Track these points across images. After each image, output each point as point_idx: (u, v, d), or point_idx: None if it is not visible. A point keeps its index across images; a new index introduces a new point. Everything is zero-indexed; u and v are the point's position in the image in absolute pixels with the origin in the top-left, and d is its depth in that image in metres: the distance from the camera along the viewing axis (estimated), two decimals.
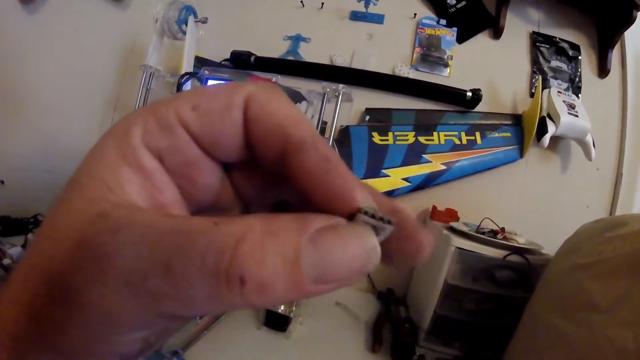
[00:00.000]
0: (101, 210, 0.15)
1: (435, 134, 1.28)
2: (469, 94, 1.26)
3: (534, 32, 1.37)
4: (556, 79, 1.33)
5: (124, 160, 0.16)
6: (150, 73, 1.14)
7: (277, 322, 0.91)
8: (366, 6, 1.36)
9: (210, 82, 0.99)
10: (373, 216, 0.15)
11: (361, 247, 0.14)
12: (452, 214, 1.19)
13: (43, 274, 0.15)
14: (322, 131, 0.92)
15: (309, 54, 1.40)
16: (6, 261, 0.87)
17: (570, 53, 1.35)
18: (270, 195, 0.21)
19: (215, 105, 0.17)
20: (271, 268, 0.13)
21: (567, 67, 1.35)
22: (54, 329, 0.14)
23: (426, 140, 1.27)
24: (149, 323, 0.14)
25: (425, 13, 1.39)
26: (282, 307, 0.91)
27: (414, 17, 1.38)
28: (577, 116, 1.18)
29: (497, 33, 1.34)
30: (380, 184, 1.23)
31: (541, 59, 1.34)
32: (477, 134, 1.27)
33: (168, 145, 0.17)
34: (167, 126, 0.17)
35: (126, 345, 0.15)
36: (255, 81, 0.97)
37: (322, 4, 1.40)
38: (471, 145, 1.26)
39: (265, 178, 0.20)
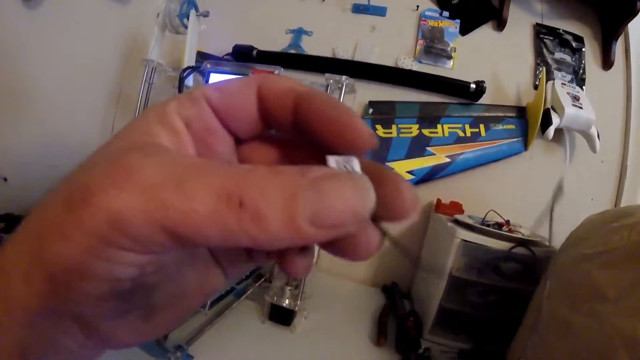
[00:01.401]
0: (137, 146, 0.17)
1: (439, 126, 1.27)
2: (473, 86, 1.25)
3: (537, 24, 1.36)
4: (560, 70, 1.32)
5: (159, 121, 0.19)
6: (153, 67, 1.14)
7: (281, 316, 0.91)
8: None
9: (213, 76, 0.99)
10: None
11: (357, 192, 0.16)
12: (456, 207, 1.19)
13: (66, 193, 0.16)
14: None
15: (311, 47, 1.39)
16: None
17: (574, 45, 1.34)
18: None
19: (234, 87, 0.21)
20: (269, 199, 0.14)
21: (571, 58, 1.34)
22: (55, 238, 0.15)
23: (430, 132, 1.27)
24: (151, 238, 0.15)
25: (428, 5, 1.38)
26: (287, 301, 0.91)
27: (417, 9, 1.37)
28: (581, 108, 1.18)
29: (500, 25, 1.33)
30: None
31: (545, 51, 1.33)
32: (481, 126, 1.26)
33: (194, 113, 0.20)
34: (195, 99, 0.20)
35: (121, 266, 0.15)
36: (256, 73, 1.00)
37: None
38: (475, 137, 1.25)
39: (271, 156, 0.23)
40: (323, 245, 0.18)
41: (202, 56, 1.31)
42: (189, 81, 1.09)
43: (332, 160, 0.18)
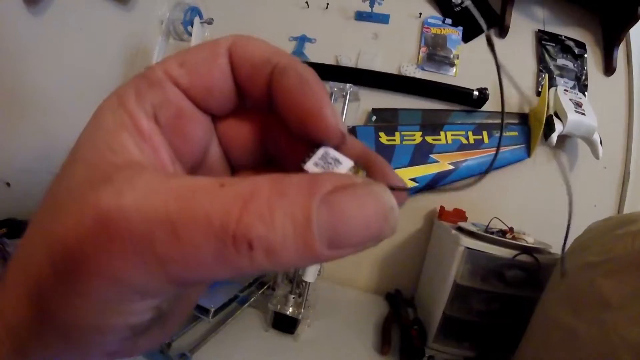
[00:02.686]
0: (104, 174, 0.14)
1: (442, 133, 1.27)
2: (476, 93, 1.25)
3: (539, 31, 1.36)
4: (562, 77, 1.33)
5: (122, 124, 0.16)
6: None
7: (285, 324, 0.91)
8: (371, 6, 1.35)
9: None
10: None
11: (378, 207, 0.13)
12: (460, 214, 1.19)
13: (46, 250, 0.14)
14: None
15: (314, 54, 1.40)
16: None
17: (576, 51, 1.34)
18: (257, 153, 0.21)
19: (201, 57, 0.17)
20: (280, 231, 0.12)
21: (573, 65, 1.34)
22: (59, 307, 0.14)
23: (433, 140, 1.27)
24: (159, 289, 0.14)
25: (431, 12, 1.38)
26: (290, 309, 0.91)
27: (420, 16, 1.37)
28: (584, 114, 1.18)
29: (502, 32, 1.34)
30: None
31: (547, 58, 1.34)
32: (484, 133, 1.26)
33: (159, 101, 0.17)
34: (157, 83, 0.17)
35: (137, 315, 0.14)
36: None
37: (327, 4, 1.40)
38: (478, 144, 1.25)
39: (253, 133, 0.20)
40: None
41: None
42: None
43: (312, 166, 0.16)
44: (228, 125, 0.20)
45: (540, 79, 1.32)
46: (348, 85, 0.88)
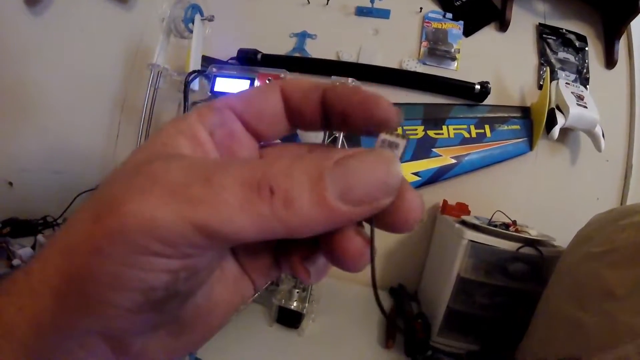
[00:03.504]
0: (158, 153, 0.18)
1: (444, 127, 1.27)
2: (477, 87, 1.25)
3: (540, 24, 1.36)
4: (564, 70, 1.33)
5: (181, 131, 0.19)
6: (158, 72, 1.14)
7: (289, 319, 0.91)
8: (372, 1, 1.35)
9: (219, 80, 0.99)
10: (391, 134, 0.18)
11: (382, 164, 0.16)
12: (463, 208, 1.19)
13: (92, 203, 0.16)
14: None
15: (315, 50, 1.40)
16: (15, 262, 0.88)
17: (577, 44, 1.34)
18: None
19: (256, 91, 0.21)
20: (297, 181, 0.15)
21: (575, 58, 1.34)
22: (88, 254, 0.15)
23: (435, 134, 1.27)
24: (185, 237, 0.15)
25: (431, 7, 1.38)
26: (295, 304, 0.91)
27: (420, 11, 1.37)
28: (585, 107, 1.18)
29: (503, 26, 1.34)
30: None
31: (548, 51, 1.34)
32: (487, 127, 1.26)
33: (216, 122, 0.20)
34: (216, 109, 0.20)
35: (154, 274, 0.15)
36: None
37: (328, 0, 1.40)
38: (481, 138, 1.25)
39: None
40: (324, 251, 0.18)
41: (206, 60, 1.32)
42: (195, 85, 1.09)
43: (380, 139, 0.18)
44: (271, 151, 0.23)
45: (541, 72, 1.32)
46: (350, 79, 0.88)
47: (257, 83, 0.95)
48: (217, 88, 0.99)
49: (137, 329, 0.17)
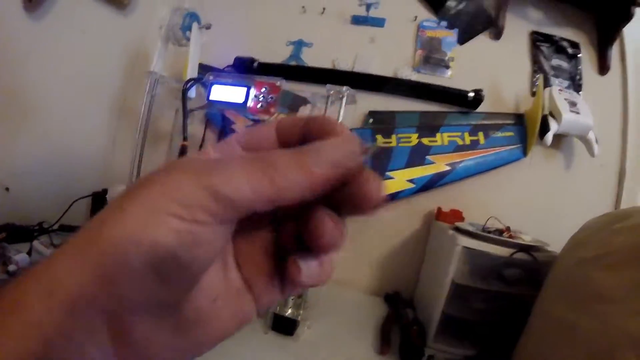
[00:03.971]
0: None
1: (438, 135, 1.28)
2: (471, 94, 1.26)
3: (533, 32, 1.37)
4: (557, 77, 1.34)
5: (197, 154, 0.26)
6: (156, 79, 1.15)
7: (284, 326, 0.91)
8: (367, 10, 1.37)
9: (215, 87, 1.00)
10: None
11: (346, 139, 0.22)
12: (457, 215, 1.19)
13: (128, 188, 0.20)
14: None
15: (311, 58, 1.41)
16: (11, 267, 0.87)
17: (570, 51, 1.35)
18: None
19: (257, 128, 0.26)
20: (285, 157, 0.20)
21: (568, 65, 1.35)
22: (109, 217, 0.18)
23: (430, 141, 1.28)
24: (197, 200, 0.18)
25: (426, 15, 1.39)
26: (290, 311, 0.91)
27: (415, 19, 1.38)
28: (579, 113, 1.19)
29: (497, 33, 1.35)
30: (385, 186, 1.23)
31: (542, 58, 1.35)
32: (480, 134, 1.27)
33: (225, 149, 0.25)
34: (227, 141, 0.25)
35: (164, 231, 0.18)
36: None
37: (324, 8, 1.41)
38: (474, 145, 1.26)
39: None
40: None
41: (203, 68, 1.33)
42: (192, 93, 1.10)
43: None
44: None
45: (535, 79, 1.33)
46: (345, 87, 0.89)
47: (253, 91, 0.96)
48: (213, 96, 1.00)
49: (141, 297, 0.19)
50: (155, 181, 0.19)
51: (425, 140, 1.28)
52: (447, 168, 1.24)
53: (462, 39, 1.37)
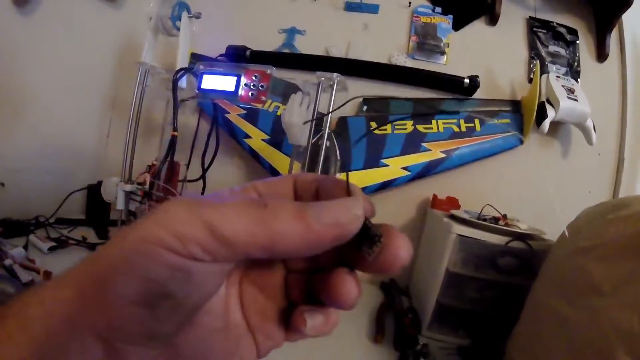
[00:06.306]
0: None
1: (433, 122, 1.27)
2: (467, 81, 1.25)
3: (530, 18, 1.35)
4: (554, 64, 1.32)
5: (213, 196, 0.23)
6: (146, 70, 1.14)
7: None
8: None
9: (205, 77, 0.99)
10: (370, 227, 0.22)
11: (349, 200, 0.21)
12: (453, 202, 1.19)
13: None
14: (319, 121, 0.92)
15: (304, 46, 1.39)
16: (7, 262, 0.87)
17: (568, 38, 1.34)
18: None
19: (276, 179, 0.27)
20: (285, 205, 0.20)
21: (565, 51, 1.34)
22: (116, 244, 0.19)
23: (425, 128, 1.26)
24: (192, 234, 0.18)
25: (421, 1, 1.37)
26: None
27: (409, 5, 1.37)
28: (576, 100, 1.17)
29: (493, 19, 1.33)
30: (380, 174, 1.22)
31: (539, 44, 1.33)
32: (476, 121, 1.26)
33: (241, 193, 0.25)
34: (246, 189, 0.25)
35: (156, 265, 0.18)
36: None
37: None
38: (470, 132, 1.25)
39: None
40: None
41: (196, 57, 1.32)
42: (182, 83, 1.09)
43: None
44: None
45: (532, 66, 1.32)
46: (335, 75, 0.88)
47: (243, 80, 0.94)
48: (204, 85, 0.99)
49: (133, 329, 0.19)
50: (154, 212, 0.19)
51: (420, 127, 1.26)
52: (443, 155, 1.23)
53: (458, 25, 1.35)
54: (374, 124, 1.28)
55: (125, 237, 0.18)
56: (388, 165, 1.23)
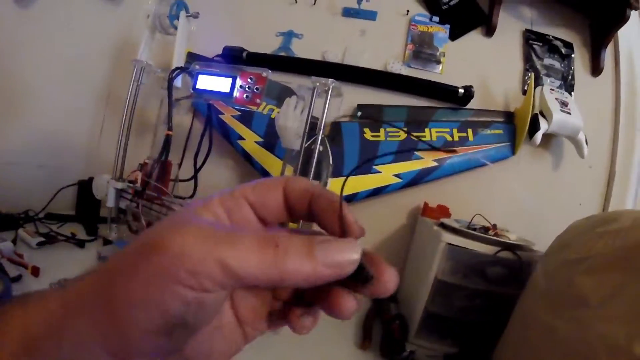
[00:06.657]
0: (190, 217, 0.23)
1: (427, 130, 1.27)
2: (461, 90, 1.25)
3: (527, 30, 1.37)
4: (549, 76, 1.34)
5: (205, 208, 0.24)
6: (141, 68, 1.14)
7: None
8: (359, 3, 1.35)
9: (201, 77, 0.98)
10: (365, 268, 0.23)
11: (350, 247, 0.22)
12: (443, 211, 1.19)
13: (139, 239, 0.21)
14: (313, 126, 0.92)
15: (301, 50, 1.40)
16: None
17: (563, 51, 1.35)
18: None
19: (265, 186, 0.27)
20: (295, 243, 0.21)
21: (560, 65, 1.35)
22: (125, 279, 0.20)
23: (418, 136, 1.27)
24: (208, 269, 0.19)
25: (418, 10, 1.38)
26: None
27: (407, 13, 1.37)
28: (569, 114, 1.18)
29: (489, 30, 1.34)
30: (372, 181, 1.22)
31: (534, 57, 1.34)
32: (469, 130, 1.26)
33: (233, 206, 0.25)
34: (235, 196, 0.26)
35: (172, 301, 0.19)
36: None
37: (315, 0, 1.39)
38: (463, 142, 1.26)
39: None
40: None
41: (192, 57, 1.31)
42: (178, 82, 1.09)
43: None
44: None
45: (526, 78, 1.33)
46: (330, 80, 0.88)
47: (239, 81, 0.94)
48: (199, 85, 0.98)
49: (146, 353, 0.21)
50: (167, 245, 0.19)
51: (413, 135, 1.27)
52: (435, 164, 1.23)
53: (454, 35, 1.36)
54: (367, 130, 1.28)
55: (138, 268, 0.19)
56: (380, 172, 1.23)
